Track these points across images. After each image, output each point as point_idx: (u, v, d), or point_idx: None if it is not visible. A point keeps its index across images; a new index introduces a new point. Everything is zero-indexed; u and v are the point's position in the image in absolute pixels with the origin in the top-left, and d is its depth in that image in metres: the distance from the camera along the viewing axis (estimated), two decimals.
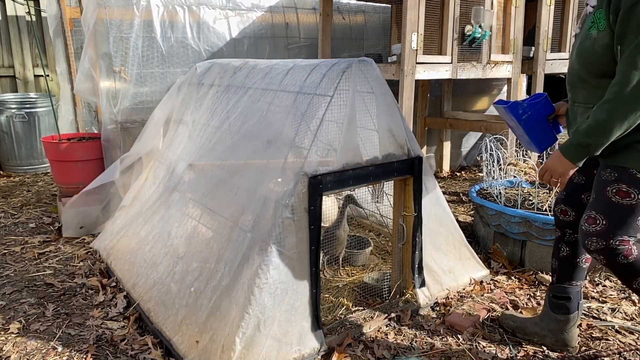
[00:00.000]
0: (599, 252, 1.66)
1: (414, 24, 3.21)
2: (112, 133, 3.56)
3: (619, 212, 1.62)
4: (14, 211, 3.87)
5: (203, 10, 3.98)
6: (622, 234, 1.62)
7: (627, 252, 1.64)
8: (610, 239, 1.63)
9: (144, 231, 2.66)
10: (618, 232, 1.62)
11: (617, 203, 1.62)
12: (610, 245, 1.63)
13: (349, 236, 2.95)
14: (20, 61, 5.56)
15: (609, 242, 1.63)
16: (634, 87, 1.48)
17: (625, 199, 1.60)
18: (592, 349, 2.04)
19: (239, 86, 2.60)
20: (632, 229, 1.63)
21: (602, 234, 1.64)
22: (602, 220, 1.64)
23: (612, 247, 1.63)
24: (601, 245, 1.64)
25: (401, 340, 2.12)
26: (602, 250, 1.65)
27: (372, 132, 2.07)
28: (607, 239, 1.63)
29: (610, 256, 1.65)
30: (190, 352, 1.93)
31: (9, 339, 2.17)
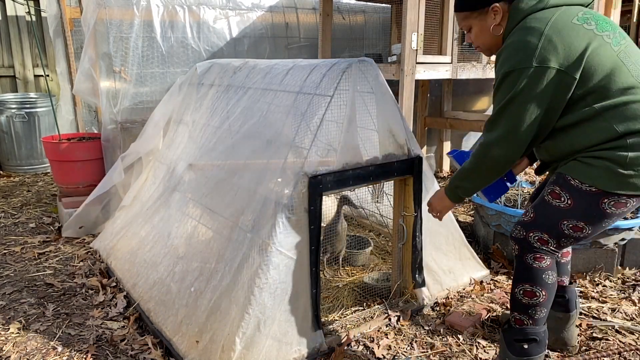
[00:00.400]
0: (518, 241, 1.75)
1: (414, 24, 3.22)
2: (112, 133, 3.56)
3: (547, 211, 1.69)
4: (14, 211, 3.87)
5: (203, 10, 3.98)
6: (542, 231, 1.69)
7: (539, 256, 1.72)
8: (530, 231, 1.71)
9: (144, 231, 2.66)
10: (539, 228, 1.70)
11: (548, 202, 1.69)
12: (528, 238, 1.72)
13: (348, 236, 2.95)
14: (20, 61, 5.56)
15: (528, 234, 1.72)
16: (491, 156, 1.67)
17: (555, 200, 1.66)
18: (592, 349, 2.04)
19: (239, 86, 2.60)
20: (553, 230, 1.68)
21: (526, 225, 1.73)
22: (531, 213, 1.73)
23: (530, 240, 1.72)
24: (521, 235, 1.74)
25: (401, 340, 2.12)
26: (520, 240, 1.74)
27: (372, 132, 2.07)
28: (527, 231, 1.72)
29: (523, 249, 1.74)
30: (190, 352, 1.93)
31: (9, 339, 2.17)
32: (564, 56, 1.53)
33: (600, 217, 1.62)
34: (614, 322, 2.23)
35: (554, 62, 1.53)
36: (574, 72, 1.53)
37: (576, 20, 1.58)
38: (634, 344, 2.07)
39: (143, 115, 3.65)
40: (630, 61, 1.56)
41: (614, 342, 2.08)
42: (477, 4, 1.73)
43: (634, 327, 2.18)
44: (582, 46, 1.53)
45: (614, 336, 2.13)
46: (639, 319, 2.28)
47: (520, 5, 1.66)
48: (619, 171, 1.53)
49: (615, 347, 2.05)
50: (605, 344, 2.07)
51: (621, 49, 1.56)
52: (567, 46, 1.53)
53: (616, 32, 1.60)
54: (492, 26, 1.73)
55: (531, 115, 1.58)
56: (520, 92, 1.56)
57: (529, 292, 1.74)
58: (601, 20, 1.61)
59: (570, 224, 1.65)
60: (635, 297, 2.44)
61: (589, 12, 1.63)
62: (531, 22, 1.60)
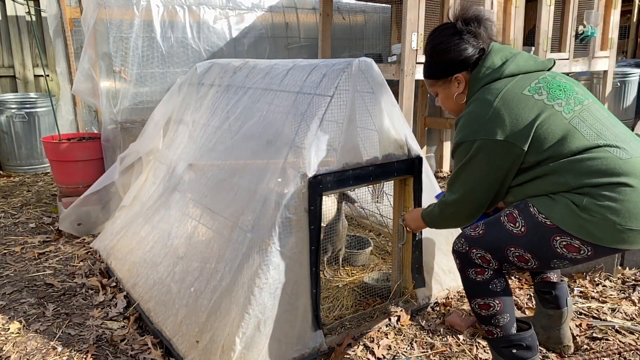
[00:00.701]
0: (459, 255, 1.75)
1: (414, 24, 3.21)
2: (112, 133, 3.56)
3: (498, 232, 1.65)
4: (14, 211, 3.87)
5: (203, 10, 3.98)
6: (486, 250, 1.67)
7: (480, 270, 1.71)
8: (474, 247, 1.69)
9: (144, 231, 2.66)
10: (484, 246, 1.67)
11: (502, 223, 1.66)
12: (470, 254, 1.71)
13: (348, 236, 2.96)
14: (20, 61, 5.56)
15: (471, 249, 1.70)
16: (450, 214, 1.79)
17: (510, 223, 1.64)
18: (592, 349, 2.04)
19: (239, 86, 2.60)
20: (498, 253, 1.65)
21: (471, 240, 1.71)
22: (481, 229, 1.70)
23: (471, 256, 1.70)
24: (464, 249, 1.72)
25: (401, 341, 2.12)
26: (462, 254, 1.73)
27: (372, 132, 2.07)
28: (471, 246, 1.70)
29: (464, 264, 1.73)
30: (190, 352, 1.93)
31: (9, 339, 2.17)
32: (511, 128, 1.57)
33: (548, 253, 1.58)
34: (614, 322, 2.23)
35: (501, 134, 1.58)
36: (522, 143, 1.57)
37: (527, 91, 1.62)
38: (634, 344, 2.07)
39: (143, 115, 3.65)
40: (586, 125, 1.57)
41: (614, 342, 2.08)
42: (441, 74, 1.80)
43: (634, 327, 2.18)
44: (531, 117, 1.57)
45: (614, 336, 2.13)
46: (639, 319, 2.28)
47: (478, 75, 1.72)
48: (577, 212, 1.51)
49: (615, 347, 2.05)
50: (605, 344, 2.07)
51: (575, 115, 1.58)
52: (515, 118, 1.58)
53: (570, 98, 1.62)
54: (455, 94, 1.80)
55: (483, 183, 1.66)
56: (470, 162, 1.65)
57: (483, 305, 1.73)
58: (555, 87, 1.63)
59: (517, 252, 1.62)
60: (635, 297, 2.44)
61: (543, 79, 1.66)
62: (484, 94, 1.66)
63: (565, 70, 4.40)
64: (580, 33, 4.38)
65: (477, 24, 1.74)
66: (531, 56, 1.74)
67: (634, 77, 6.83)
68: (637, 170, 1.50)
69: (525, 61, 1.71)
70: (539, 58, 1.75)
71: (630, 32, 8.97)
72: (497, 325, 1.74)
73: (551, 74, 1.70)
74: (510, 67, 1.68)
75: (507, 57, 1.70)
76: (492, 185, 1.66)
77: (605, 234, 1.49)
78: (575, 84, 1.71)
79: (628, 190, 1.47)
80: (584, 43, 4.49)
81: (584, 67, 4.58)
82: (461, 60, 1.74)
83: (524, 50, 3.99)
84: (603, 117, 1.63)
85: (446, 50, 1.76)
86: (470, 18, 1.75)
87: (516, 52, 1.73)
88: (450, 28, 1.77)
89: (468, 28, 1.74)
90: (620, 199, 1.47)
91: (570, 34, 4.31)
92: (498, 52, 1.72)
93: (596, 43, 4.58)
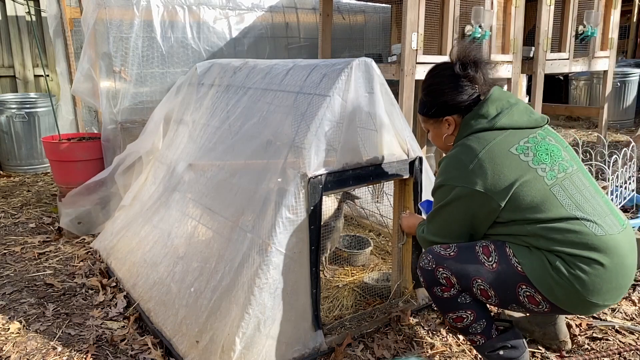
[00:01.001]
0: (424, 272, 1.74)
1: (414, 24, 3.22)
2: (112, 133, 3.56)
3: (470, 260, 1.66)
4: (14, 211, 3.87)
5: (203, 10, 3.99)
6: (452, 273, 1.68)
7: (445, 288, 1.71)
8: (441, 267, 1.69)
9: (144, 231, 2.66)
10: (452, 269, 1.68)
11: (475, 252, 1.67)
12: (436, 273, 1.70)
13: (348, 236, 2.96)
14: (20, 61, 5.56)
15: (438, 268, 1.70)
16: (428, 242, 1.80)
17: (484, 255, 1.65)
18: (592, 349, 2.04)
19: (239, 86, 2.60)
20: (464, 279, 1.66)
21: (440, 258, 1.70)
22: (453, 251, 1.70)
23: (437, 275, 1.70)
24: (430, 267, 1.72)
25: (401, 340, 2.12)
26: (427, 272, 1.73)
27: (372, 132, 2.07)
28: (438, 264, 1.70)
29: (429, 282, 1.73)
30: (190, 352, 1.93)
31: (9, 339, 2.17)
32: (492, 183, 1.59)
33: (510, 297, 1.63)
34: (614, 322, 2.23)
35: (480, 185, 1.59)
36: (500, 199, 1.59)
37: (515, 149, 1.63)
38: (634, 344, 2.07)
39: (143, 115, 3.66)
40: (566, 194, 1.59)
41: (614, 342, 2.08)
42: (433, 114, 1.82)
43: (634, 327, 2.18)
44: (512, 178, 1.58)
45: (614, 336, 2.13)
46: (639, 319, 2.28)
47: (471, 121, 1.72)
48: (548, 270, 1.55)
49: (615, 347, 2.05)
50: (605, 344, 2.07)
51: (556, 182, 1.60)
52: (497, 174, 1.59)
53: (555, 165, 1.62)
54: (445, 135, 1.83)
55: (457, 228, 1.70)
56: (447, 205, 1.67)
57: (457, 318, 1.74)
58: (542, 151, 1.64)
59: (482, 286, 1.64)
60: (635, 297, 2.44)
61: (533, 139, 1.66)
62: (472, 141, 1.67)
63: (565, 70, 4.40)
64: (580, 33, 4.38)
65: (475, 69, 1.74)
66: (527, 110, 1.73)
67: (634, 77, 6.83)
68: (610, 248, 1.55)
69: (520, 116, 1.70)
70: (535, 113, 1.74)
71: (630, 32, 8.97)
72: (475, 334, 1.75)
73: (542, 134, 1.70)
74: (503, 120, 1.67)
75: (502, 108, 1.70)
76: (465, 231, 1.70)
77: (566, 298, 1.55)
78: (563, 146, 1.71)
79: (599, 267, 1.53)
80: (584, 43, 4.49)
81: (584, 67, 4.58)
82: (453, 104, 1.76)
83: (524, 50, 4.01)
84: (584, 187, 1.64)
85: (440, 92, 1.78)
86: (469, 62, 1.75)
87: (514, 103, 1.72)
88: (448, 69, 1.78)
89: (465, 73, 1.74)
90: (590, 273, 1.53)
91: (570, 34, 4.31)
92: (494, 102, 1.71)
93: (596, 43, 4.58)
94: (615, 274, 1.55)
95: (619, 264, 1.55)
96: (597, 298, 1.55)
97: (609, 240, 1.55)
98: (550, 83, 5.82)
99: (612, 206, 1.69)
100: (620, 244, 1.57)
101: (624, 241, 1.59)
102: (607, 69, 4.85)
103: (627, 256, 1.58)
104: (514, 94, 3.94)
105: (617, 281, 1.56)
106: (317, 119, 1.92)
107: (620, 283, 1.58)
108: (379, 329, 2.17)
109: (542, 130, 1.72)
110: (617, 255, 1.55)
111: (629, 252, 1.59)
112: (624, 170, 2.90)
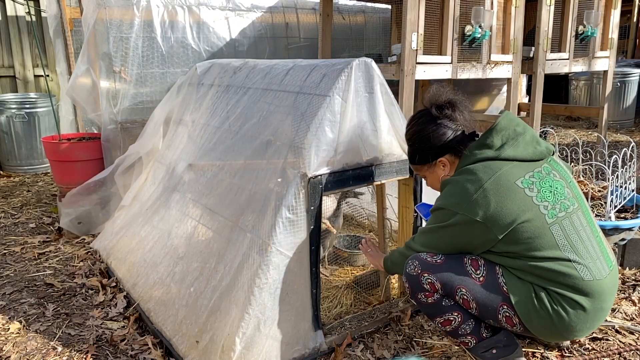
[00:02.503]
0: (409, 278, 1.75)
1: (414, 24, 3.22)
2: (112, 133, 3.56)
3: (456, 270, 1.69)
4: (14, 211, 3.87)
5: (203, 11, 3.99)
6: (437, 280, 1.70)
7: (429, 294, 1.73)
8: (426, 272, 1.71)
9: (144, 231, 2.66)
10: (437, 275, 1.70)
11: (464, 264, 1.70)
12: (420, 278, 1.72)
13: (348, 236, 2.96)
14: (20, 61, 5.56)
15: (423, 274, 1.71)
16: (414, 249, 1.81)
17: (472, 267, 1.69)
18: (593, 349, 2.05)
19: (239, 86, 2.60)
20: (448, 286, 1.69)
21: (425, 265, 1.72)
22: (440, 258, 1.72)
23: (421, 280, 1.72)
24: (415, 272, 1.73)
25: (401, 340, 2.12)
26: (412, 277, 1.74)
27: (372, 132, 2.07)
28: (423, 270, 1.72)
29: (414, 288, 1.75)
30: (190, 352, 1.93)
31: (9, 339, 2.17)
32: (493, 214, 1.59)
33: (490, 313, 1.67)
34: (614, 322, 2.23)
35: (481, 216, 1.59)
36: (498, 232, 1.60)
37: (520, 182, 1.62)
38: (634, 344, 2.07)
39: (143, 115, 3.65)
40: (563, 235, 1.59)
41: (614, 342, 2.09)
42: (424, 160, 1.84)
43: (634, 327, 2.18)
44: (514, 213, 1.58)
45: (614, 336, 2.13)
46: (639, 319, 2.29)
47: (475, 151, 1.72)
48: (532, 298, 1.60)
49: (615, 347, 2.05)
50: (605, 344, 2.07)
51: (556, 222, 1.60)
52: (500, 207, 1.58)
53: (557, 203, 1.62)
54: (441, 176, 1.83)
55: (450, 246, 1.72)
56: (445, 227, 1.68)
57: (444, 321, 1.76)
58: (546, 187, 1.63)
59: (465, 296, 1.68)
60: (635, 297, 2.44)
61: (538, 174, 1.66)
62: (477, 170, 1.65)
63: (565, 70, 4.40)
64: (580, 33, 4.38)
65: (452, 109, 1.76)
66: (533, 140, 1.71)
67: (634, 77, 6.83)
68: (594, 293, 1.58)
69: (525, 148, 1.68)
70: (541, 144, 1.72)
71: (630, 32, 8.97)
72: (465, 334, 1.76)
73: (547, 168, 1.69)
74: (508, 151, 1.67)
75: (508, 138, 1.69)
76: (455, 251, 1.73)
77: (541, 328, 1.61)
78: (567, 182, 1.71)
79: (580, 311, 1.58)
80: (584, 43, 4.49)
81: (584, 67, 4.58)
82: (442, 145, 1.78)
83: (524, 50, 4.01)
84: (582, 227, 1.65)
85: (426, 138, 1.80)
86: (443, 104, 1.77)
87: (520, 132, 1.70)
88: (425, 115, 1.81)
89: (443, 113, 1.76)
90: (571, 313, 1.57)
91: (570, 34, 4.31)
92: (500, 131, 1.70)
93: (596, 43, 4.58)
94: (592, 316, 1.60)
95: (598, 309, 1.60)
96: (569, 334, 1.63)
97: (595, 285, 1.59)
98: (550, 83, 5.81)
99: (604, 246, 1.71)
100: (604, 289, 1.61)
101: (608, 285, 1.63)
102: (607, 69, 4.85)
103: (607, 301, 1.63)
104: (513, 95, 3.95)
105: (592, 322, 1.62)
106: (317, 119, 1.92)
107: (595, 324, 1.64)
108: (379, 329, 2.17)
109: (547, 164, 1.71)
110: (599, 300, 1.60)
111: (609, 296, 1.64)
112: (624, 170, 2.90)
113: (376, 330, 2.16)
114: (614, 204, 2.71)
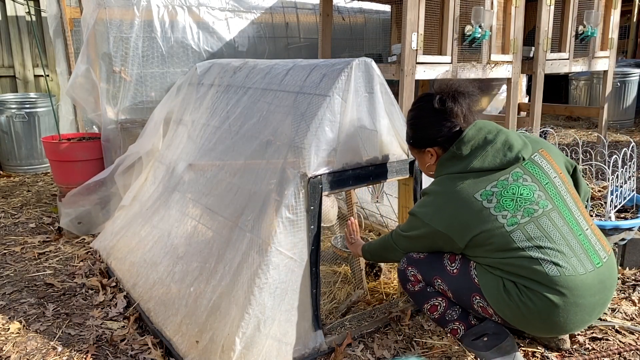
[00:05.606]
0: (399, 272, 1.90)
1: (414, 24, 3.21)
2: (112, 133, 3.56)
3: (434, 263, 1.80)
4: (14, 211, 3.87)
5: (203, 11, 3.99)
6: (418, 271, 1.83)
7: (413, 283, 1.86)
8: (410, 266, 1.85)
9: (144, 231, 2.66)
10: (418, 268, 1.83)
11: (441, 256, 1.80)
12: (406, 271, 1.87)
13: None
14: (20, 61, 5.56)
15: (408, 267, 1.86)
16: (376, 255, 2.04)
17: (449, 260, 1.77)
18: (593, 349, 2.04)
19: (239, 86, 2.60)
20: (427, 277, 1.81)
21: (410, 260, 1.86)
22: (422, 254, 1.85)
23: (407, 273, 1.87)
24: (402, 267, 1.88)
25: (401, 340, 2.12)
26: (401, 271, 1.89)
27: (372, 132, 2.07)
28: (409, 264, 1.86)
29: (403, 280, 1.89)
30: (190, 352, 1.93)
31: (9, 339, 2.17)
32: (453, 226, 1.68)
33: (466, 303, 1.75)
34: (614, 322, 2.23)
35: (442, 227, 1.69)
36: (460, 242, 1.68)
37: (479, 195, 1.66)
38: (634, 344, 2.07)
39: (143, 115, 3.65)
40: (525, 237, 1.61)
41: (614, 342, 2.09)
42: (415, 144, 1.90)
43: (634, 327, 2.18)
44: (472, 225, 1.65)
45: (614, 336, 2.13)
46: (639, 319, 2.28)
47: (446, 162, 1.78)
48: (501, 290, 1.63)
49: (615, 347, 2.05)
50: (605, 344, 2.07)
51: (517, 228, 1.62)
52: (459, 220, 1.67)
53: (519, 210, 1.63)
54: (427, 164, 1.90)
55: (422, 248, 1.84)
56: (417, 236, 1.80)
57: (431, 307, 1.83)
58: (508, 196, 1.64)
59: (441, 286, 1.79)
60: (635, 297, 2.44)
61: (501, 183, 1.66)
62: (443, 183, 1.74)
63: (565, 70, 4.40)
64: (580, 33, 4.38)
65: (454, 102, 1.76)
66: (504, 147, 1.70)
67: (634, 77, 6.83)
68: (565, 288, 1.57)
69: (493, 157, 1.69)
70: (513, 150, 1.70)
71: (630, 32, 8.97)
72: (453, 320, 1.81)
73: (517, 173, 1.68)
74: (474, 163, 1.70)
75: (478, 145, 1.71)
76: (430, 250, 1.84)
77: (515, 318, 1.65)
78: (542, 183, 1.68)
79: (549, 303, 1.58)
80: (584, 43, 4.49)
81: (584, 67, 4.58)
82: (432, 138, 1.82)
83: (524, 50, 4.00)
84: (555, 227, 1.63)
85: (420, 126, 1.86)
86: (448, 95, 1.77)
87: (490, 140, 1.71)
88: (429, 103, 1.82)
89: (444, 107, 1.77)
90: (538, 304, 1.59)
91: (570, 34, 4.31)
92: (469, 141, 1.73)
93: (596, 43, 4.58)
94: (567, 311, 1.58)
95: (572, 303, 1.57)
96: (549, 328, 1.63)
97: (564, 280, 1.56)
98: (550, 83, 5.81)
99: (589, 244, 1.67)
100: (580, 284, 1.58)
101: (590, 281, 1.59)
102: (607, 69, 4.85)
103: (584, 296, 1.58)
104: (513, 95, 3.94)
105: (571, 317, 1.59)
106: (316, 119, 1.92)
107: (576, 319, 1.61)
108: (379, 329, 2.17)
109: (520, 168, 1.70)
110: (573, 295, 1.57)
111: (589, 292, 1.59)
112: (624, 170, 2.90)
113: (376, 330, 2.16)
114: (614, 204, 2.71)
